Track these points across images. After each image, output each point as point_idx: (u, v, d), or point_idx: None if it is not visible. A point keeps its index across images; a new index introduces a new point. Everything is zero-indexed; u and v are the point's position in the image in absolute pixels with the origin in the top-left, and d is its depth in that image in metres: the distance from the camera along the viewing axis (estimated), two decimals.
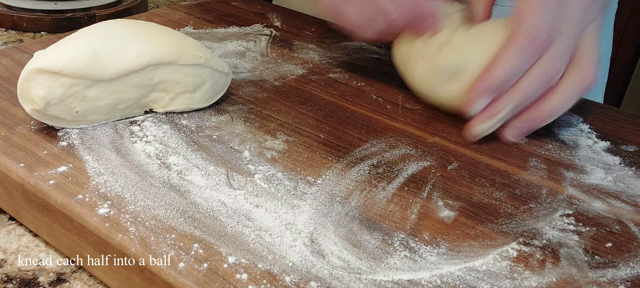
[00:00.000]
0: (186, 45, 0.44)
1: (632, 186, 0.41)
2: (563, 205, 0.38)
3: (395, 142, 0.44)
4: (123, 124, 0.43)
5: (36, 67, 0.38)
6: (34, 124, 0.41)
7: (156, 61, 0.42)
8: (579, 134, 0.48)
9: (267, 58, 0.58)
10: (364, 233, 0.34)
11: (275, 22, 0.68)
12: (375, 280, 0.30)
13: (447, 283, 0.30)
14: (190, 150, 0.40)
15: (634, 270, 0.33)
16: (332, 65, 0.57)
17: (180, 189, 0.36)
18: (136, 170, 0.37)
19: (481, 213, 0.37)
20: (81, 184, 0.35)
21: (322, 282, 0.30)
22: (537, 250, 0.34)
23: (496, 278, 0.31)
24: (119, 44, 0.41)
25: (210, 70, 0.45)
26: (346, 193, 0.37)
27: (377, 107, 0.50)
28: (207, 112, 0.46)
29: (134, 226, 0.32)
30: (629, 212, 0.38)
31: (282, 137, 0.43)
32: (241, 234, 0.32)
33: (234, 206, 0.35)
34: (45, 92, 0.38)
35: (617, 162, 0.44)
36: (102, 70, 0.40)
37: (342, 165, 0.40)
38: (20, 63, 0.50)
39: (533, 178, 0.41)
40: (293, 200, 0.36)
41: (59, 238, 0.35)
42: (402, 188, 0.38)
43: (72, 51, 0.39)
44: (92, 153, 0.39)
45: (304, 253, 0.32)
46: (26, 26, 0.70)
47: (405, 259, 0.32)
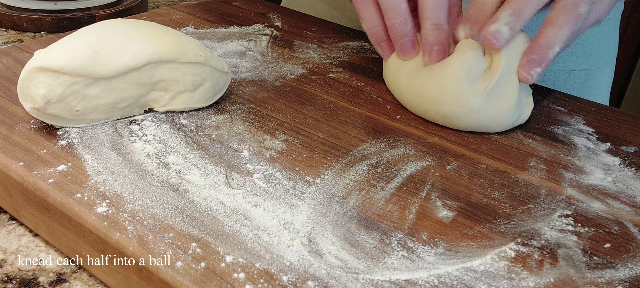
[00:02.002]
0: (186, 44, 0.44)
1: (632, 187, 0.41)
2: (562, 206, 0.38)
3: (395, 142, 0.44)
4: (122, 123, 0.43)
5: (37, 65, 0.38)
6: (34, 123, 0.41)
7: (156, 59, 0.42)
8: (578, 135, 0.48)
9: (267, 58, 0.58)
10: (362, 233, 0.34)
11: (275, 22, 0.68)
12: (372, 279, 0.30)
13: (444, 283, 0.30)
14: (189, 149, 0.40)
15: (632, 271, 0.33)
16: (332, 65, 0.57)
17: (179, 188, 0.36)
18: (135, 169, 0.37)
19: (479, 213, 0.37)
20: (80, 183, 0.35)
21: (319, 281, 0.30)
22: (536, 250, 0.34)
23: (494, 278, 0.31)
24: (119, 42, 0.41)
25: (210, 69, 0.45)
26: (345, 193, 0.37)
27: (376, 107, 0.50)
28: (206, 111, 0.46)
29: (132, 225, 0.32)
30: (628, 213, 0.38)
31: (281, 136, 0.43)
32: (239, 233, 0.33)
33: (232, 205, 0.35)
34: (46, 90, 0.38)
35: (616, 162, 0.44)
36: (102, 68, 0.40)
37: (340, 165, 0.40)
38: (20, 62, 0.50)
39: (532, 178, 0.41)
40: (291, 199, 0.36)
41: (58, 238, 0.35)
42: (401, 188, 0.38)
43: (72, 49, 0.40)
44: (92, 152, 0.39)
45: (302, 252, 0.32)
46: (26, 26, 0.71)
47: (402, 259, 0.32)
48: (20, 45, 0.53)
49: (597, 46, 0.69)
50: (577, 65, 0.68)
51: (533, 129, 0.49)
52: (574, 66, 0.68)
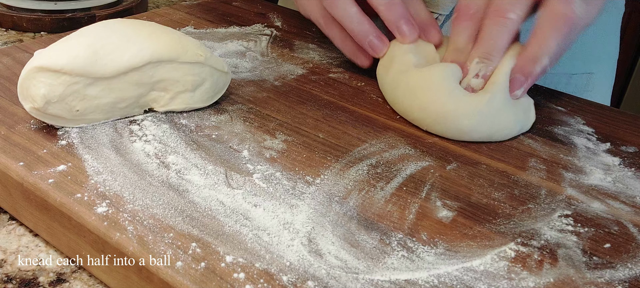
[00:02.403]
0: (186, 44, 0.44)
1: (632, 187, 0.41)
2: (562, 206, 0.38)
3: (394, 142, 0.44)
4: (122, 123, 0.43)
5: (37, 65, 0.38)
6: (34, 123, 0.41)
7: (156, 58, 0.42)
8: (578, 135, 0.48)
9: (267, 58, 0.58)
10: (362, 233, 0.34)
11: (275, 22, 0.68)
12: (372, 279, 0.30)
13: (444, 284, 0.31)
14: (189, 149, 0.40)
15: (632, 271, 0.33)
16: (332, 65, 0.57)
17: (179, 188, 0.36)
18: (135, 169, 0.37)
19: (479, 213, 0.37)
20: (80, 183, 0.35)
21: (319, 281, 0.30)
22: (535, 250, 0.34)
23: (494, 278, 0.31)
24: (119, 42, 0.41)
25: (210, 69, 0.45)
26: (344, 193, 0.37)
27: (376, 107, 0.50)
28: (206, 111, 0.46)
29: (132, 225, 0.32)
30: (628, 213, 0.38)
31: (281, 136, 0.43)
32: (239, 233, 0.33)
33: (232, 205, 0.35)
34: (46, 90, 0.38)
35: (616, 162, 0.44)
36: (102, 68, 0.40)
37: (340, 165, 0.40)
38: (20, 62, 0.50)
39: (532, 178, 0.41)
40: (291, 199, 0.36)
41: (58, 238, 0.35)
42: (401, 188, 0.38)
43: (72, 49, 0.40)
44: (92, 152, 0.39)
45: (302, 252, 0.32)
46: (26, 26, 0.71)
47: (402, 259, 0.32)
48: (20, 45, 0.53)
49: (598, 50, 0.69)
50: (578, 69, 0.68)
51: (533, 129, 0.49)
52: (574, 70, 0.68)
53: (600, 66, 0.70)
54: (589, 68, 0.69)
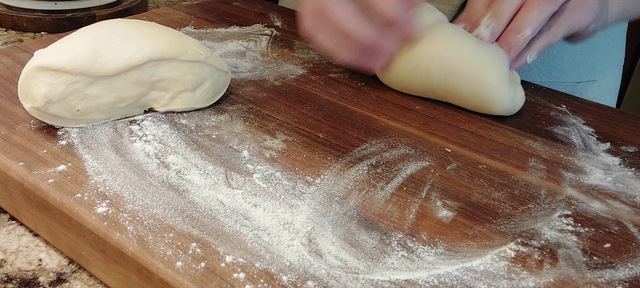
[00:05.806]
0: (186, 43, 0.44)
1: (632, 187, 0.41)
2: (562, 206, 0.38)
3: (395, 142, 0.44)
4: (122, 123, 0.43)
5: (38, 64, 0.38)
6: (34, 123, 0.41)
7: (157, 57, 0.42)
8: (578, 135, 0.48)
9: (267, 58, 0.58)
10: (362, 233, 0.34)
11: (276, 22, 0.68)
12: (372, 279, 0.30)
13: (444, 283, 0.31)
14: (189, 149, 0.40)
15: (632, 271, 0.33)
16: (332, 65, 0.57)
17: (179, 188, 0.36)
18: (135, 169, 0.37)
19: (479, 213, 0.37)
20: (80, 183, 0.35)
21: (319, 281, 0.30)
22: (535, 250, 0.34)
23: (494, 278, 0.31)
24: (119, 41, 0.41)
25: (210, 68, 0.45)
26: (344, 193, 0.37)
27: (376, 107, 0.50)
28: (206, 111, 0.46)
29: (132, 225, 0.32)
30: (628, 213, 0.38)
31: (281, 136, 0.43)
32: (239, 233, 0.33)
33: (232, 205, 0.35)
34: (47, 89, 0.38)
35: (616, 162, 0.44)
36: (103, 66, 0.40)
37: (340, 165, 0.40)
38: (20, 62, 0.50)
39: (532, 178, 0.41)
40: (291, 199, 0.36)
41: (59, 237, 0.35)
42: (401, 188, 0.38)
43: (73, 48, 0.40)
44: (92, 152, 0.39)
45: (302, 252, 0.32)
46: (26, 26, 0.71)
47: (402, 259, 0.32)
48: (20, 45, 0.53)
49: (603, 58, 0.70)
50: (583, 77, 0.69)
51: (533, 129, 0.49)
52: (580, 78, 0.68)
53: (606, 74, 0.71)
54: (594, 76, 0.69)
